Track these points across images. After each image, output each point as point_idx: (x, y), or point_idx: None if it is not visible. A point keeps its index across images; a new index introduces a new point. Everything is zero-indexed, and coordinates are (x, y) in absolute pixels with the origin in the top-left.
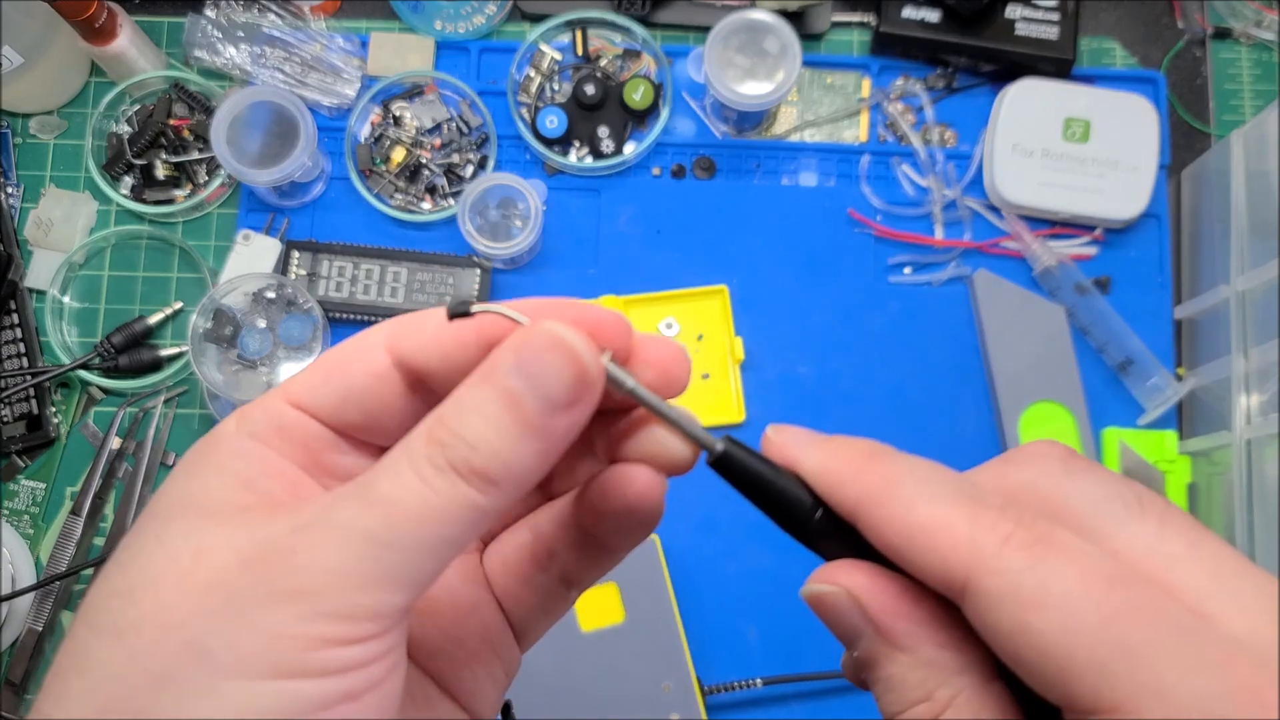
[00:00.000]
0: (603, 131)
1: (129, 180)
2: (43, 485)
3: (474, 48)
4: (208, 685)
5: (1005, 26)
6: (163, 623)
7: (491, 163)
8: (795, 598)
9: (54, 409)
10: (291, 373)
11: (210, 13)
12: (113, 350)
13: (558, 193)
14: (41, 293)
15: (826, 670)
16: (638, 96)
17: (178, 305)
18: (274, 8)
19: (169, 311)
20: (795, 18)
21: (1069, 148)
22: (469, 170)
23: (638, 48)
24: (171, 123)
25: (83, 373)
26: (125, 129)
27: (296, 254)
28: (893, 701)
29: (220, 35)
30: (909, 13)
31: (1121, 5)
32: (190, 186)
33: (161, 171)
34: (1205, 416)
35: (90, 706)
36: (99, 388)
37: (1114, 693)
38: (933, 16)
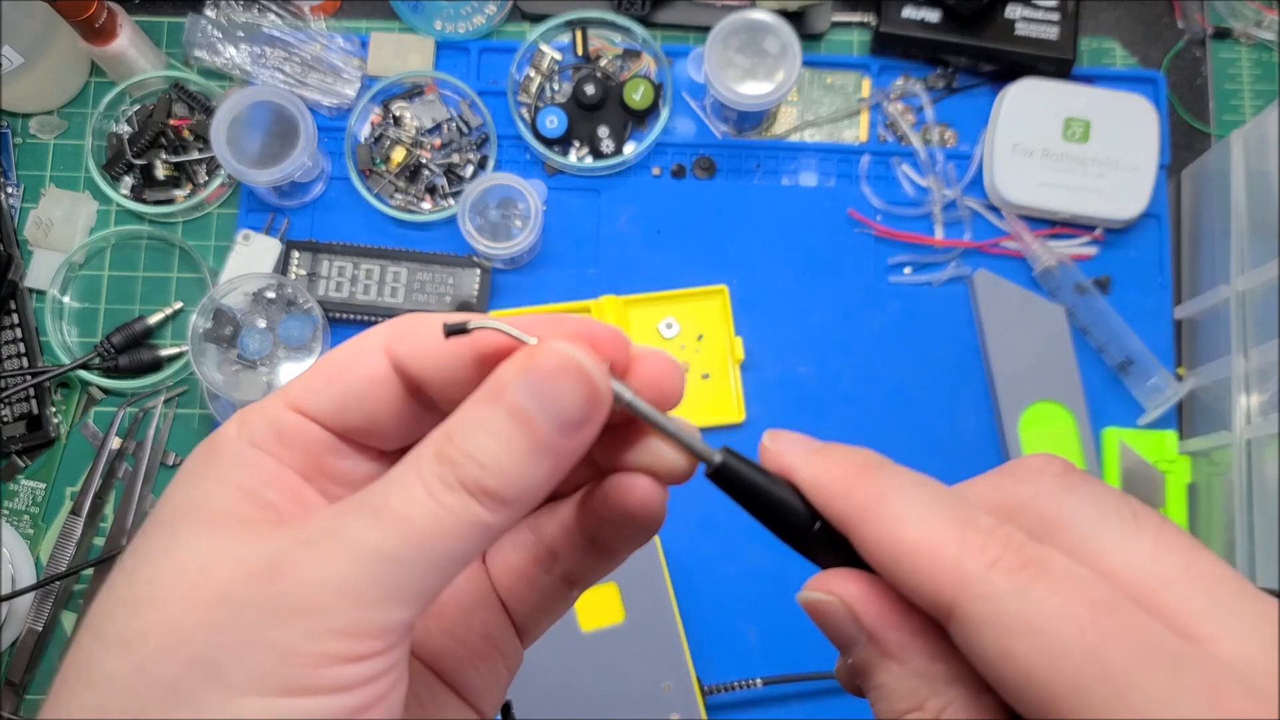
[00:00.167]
0: (603, 131)
1: (129, 180)
2: (43, 485)
3: (474, 48)
4: (217, 702)
5: (1005, 26)
6: (170, 635)
7: (491, 163)
8: (795, 598)
9: (54, 409)
10: (291, 373)
11: (210, 13)
12: (113, 350)
13: (558, 193)
14: (41, 293)
15: (826, 670)
16: (638, 96)
17: (178, 305)
18: (274, 8)
19: (169, 311)
20: (795, 18)
21: (1069, 148)
22: (469, 170)
23: (638, 48)
24: (171, 123)
25: (83, 373)
26: (125, 129)
27: (296, 254)
28: (884, 710)
29: (220, 35)
30: (909, 13)
31: (1121, 5)
32: (190, 186)
33: (161, 171)
34: (1205, 416)
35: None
36: (99, 388)
37: None
38: (933, 16)
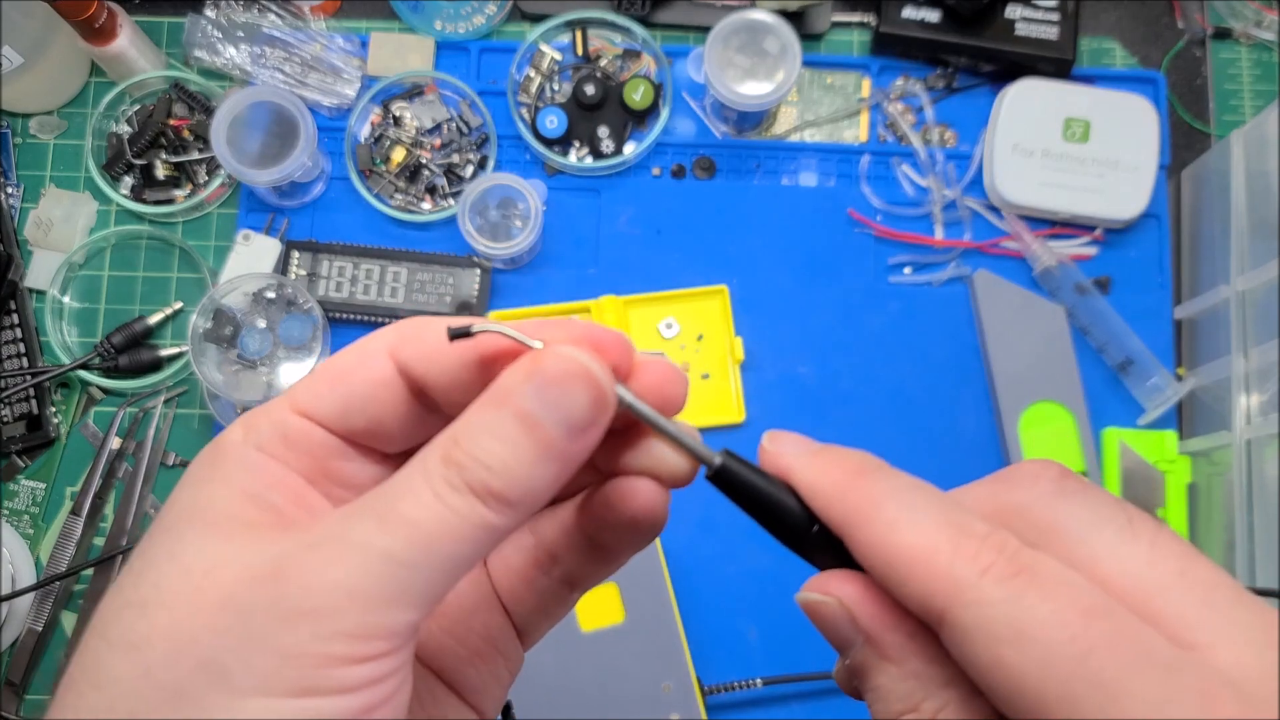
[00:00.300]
0: (603, 131)
1: (129, 180)
2: (43, 485)
3: (474, 48)
4: (224, 703)
5: (1005, 26)
6: (177, 638)
7: (491, 163)
8: (794, 599)
9: (54, 409)
10: (291, 373)
11: (210, 13)
12: (113, 350)
13: (558, 193)
14: (41, 293)
15: (826, 670)
16: (638, 96)
17: (178, 305)
18: (274, 8)
19: (169, 311)
20: (795, 18)
21: (1069, 148)
22: (469, 170)
23: (638, 48)
24: (171, 123)
25: (83, 373)
26: (125, 129)
27: (296, 254)
28: (881, 711)
29: (220, 35)
30: (909, 13)
31: (1121, 5)
32: (190, 186)
33: (161, 171)
34: (1205, 416)
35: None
36: (99, 388)
37: None
38: (933, 16)
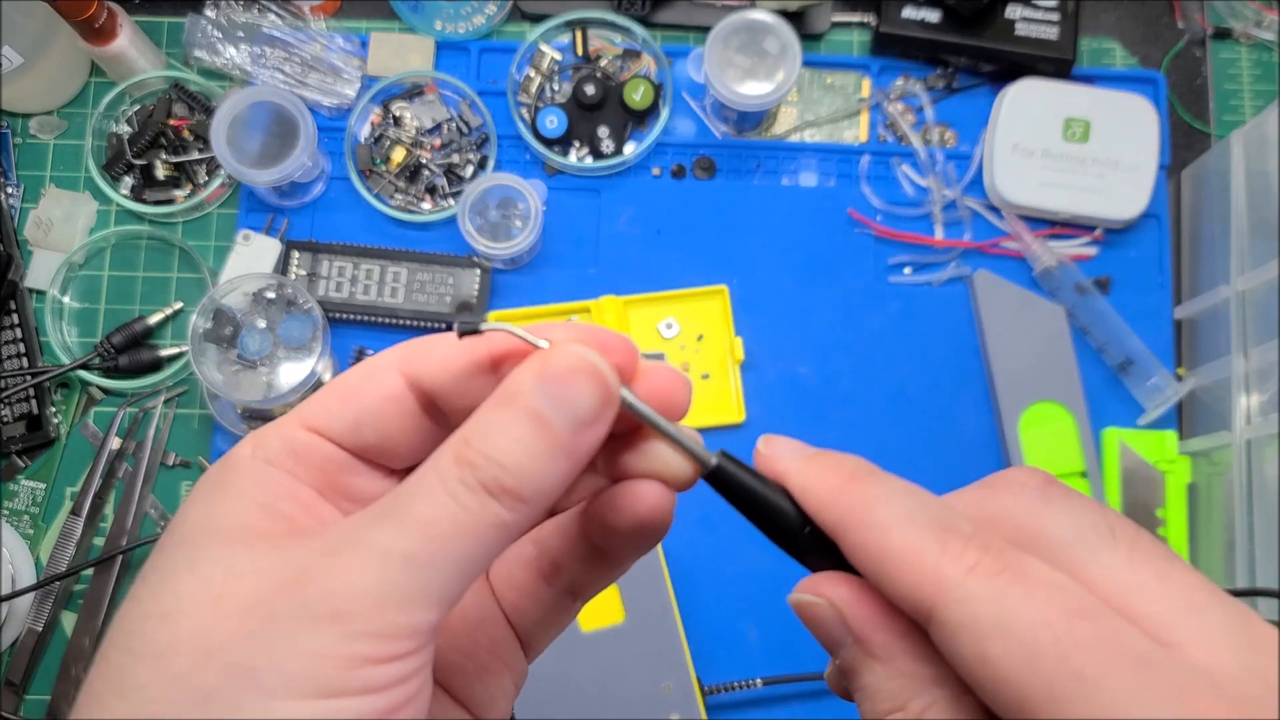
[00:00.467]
0: (603, 131)
1: (129, 180)
2: (43, 485)
3: (474, 48)
4: (254, 705)
5: (1005, 26)
6: (203, 645)
7: (491, 163)
8: (786, 600)
9: (54, 409)
10: (291, 373)
11: (210, 13)
12: (113, 350)
13: (558, 193)
14: (41, 293)
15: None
16: (638, 96)
17: (178, 305)
18: (274, 8)
19: (169, 311)
20: (795, 18)
21: (1069, 148)
22: (469, 170)
23: (638, 48)
24: (171, 123)
25: (83, 373)
26: (125, 129)
27: (296, 254)
28: (869, 710)
29: (220, 35)
30: (909, 13)
31: (1121, 5)
32: (190, 186)
33: (161, 171)
34: (1205, 416)
35: None
36: (99, 388)
37: None
38: (933, 16)
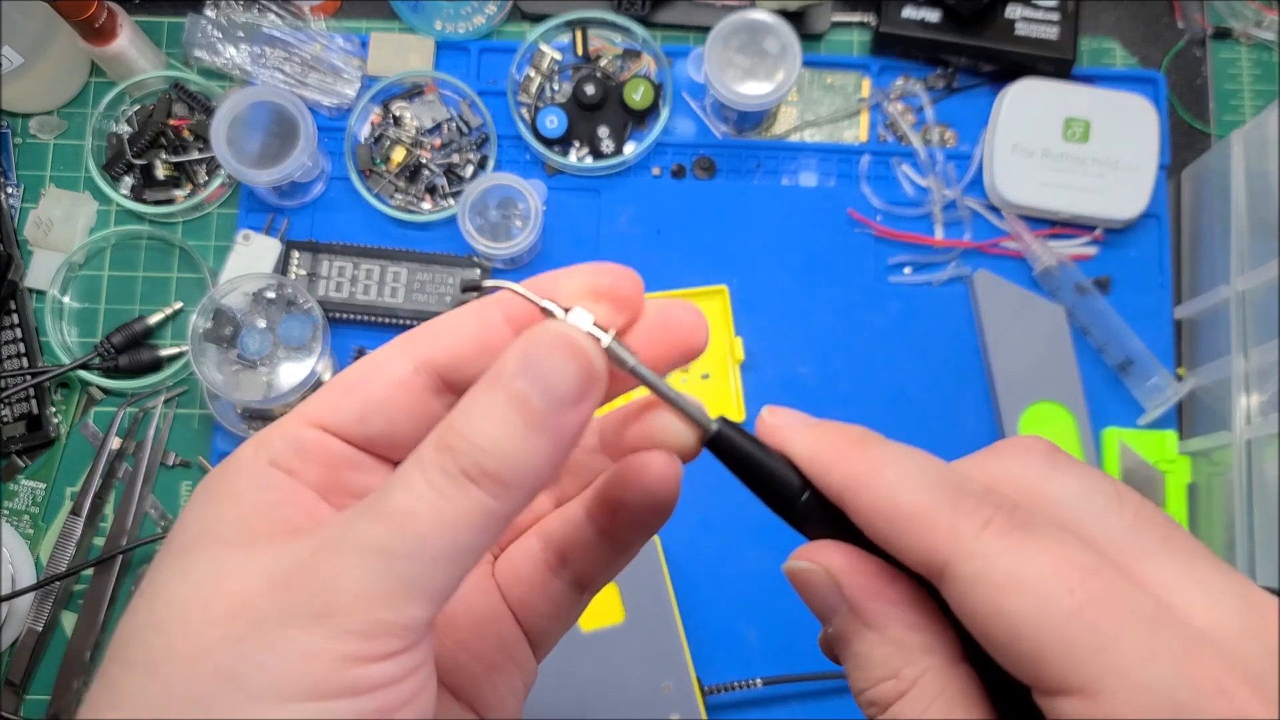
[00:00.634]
0: (603, 131)
1: (129, 180)
2: (43, 485)
3: (474, 48)
4: (245, 709)
5: (1005, 26)
6: (193, 652)
7: (491, 163)
8: (795, 598)
9: (54, 409)
10: (291, 373)
11: (210, 13)
12: (113, 350)
13: (558, 193)
14: (41, 293)
15: (826, 670)
16: (638, 96)
17: (178, 305)
18: (274, 8)
19: (169, 311)
20: (795, 18)
21: (1069, 148)
22: (469, 170)
23: (638, 48)
24: (171, 123)
25: (83, 373)
26: (125, 129)
27: (296, 254)
28: (861, 678)
29: (220, 35)
30: (909, 13)
31: (1121, 5)
32: (190, 186)
33: (161, 171)
34: (1205, 416)
35: None
36: (99, 388)
37: (1080, 675)
38: (933, 16)
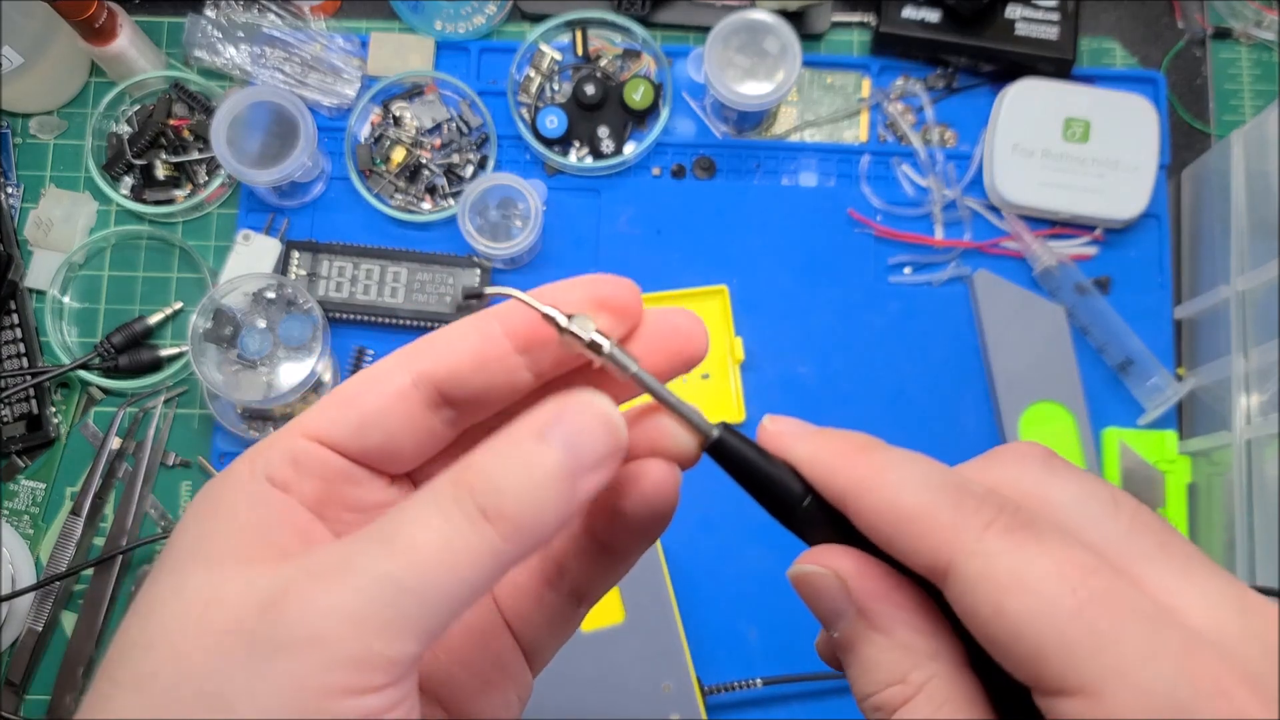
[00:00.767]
0: (603, 131)
1: (129, 180)
2: (43, 485)
3: (474, 48)
4: None
5: (1005, 26)
6: (180, 672)
7: (491, 163)
8: (795, 598)
9: (54, 409)
10: (291, 373)
11: (210, 13)
12: (113, 350)
13: (558, 193)
14: (41, 293)
15: (826, 670)
16: (638, 96)
17: (178, 305)
18: (274, 8)
19: (169, 311)
20: (795, 18)
21: (1069, 148)
22: (469, 170)
23: (638, 48)
24: (171, 123)
25: (83, 373)
26: (125, 129)
27: (296, 254)
28: (867, 683)
29: (220, 35)
30: (909, 13)
31: (1121, 5)
32: (190, 186)
33: (161, 171)
34: (1205, 416)
35: None
36: (99, 388)
37: (1080, 675)
38: (933, 16)
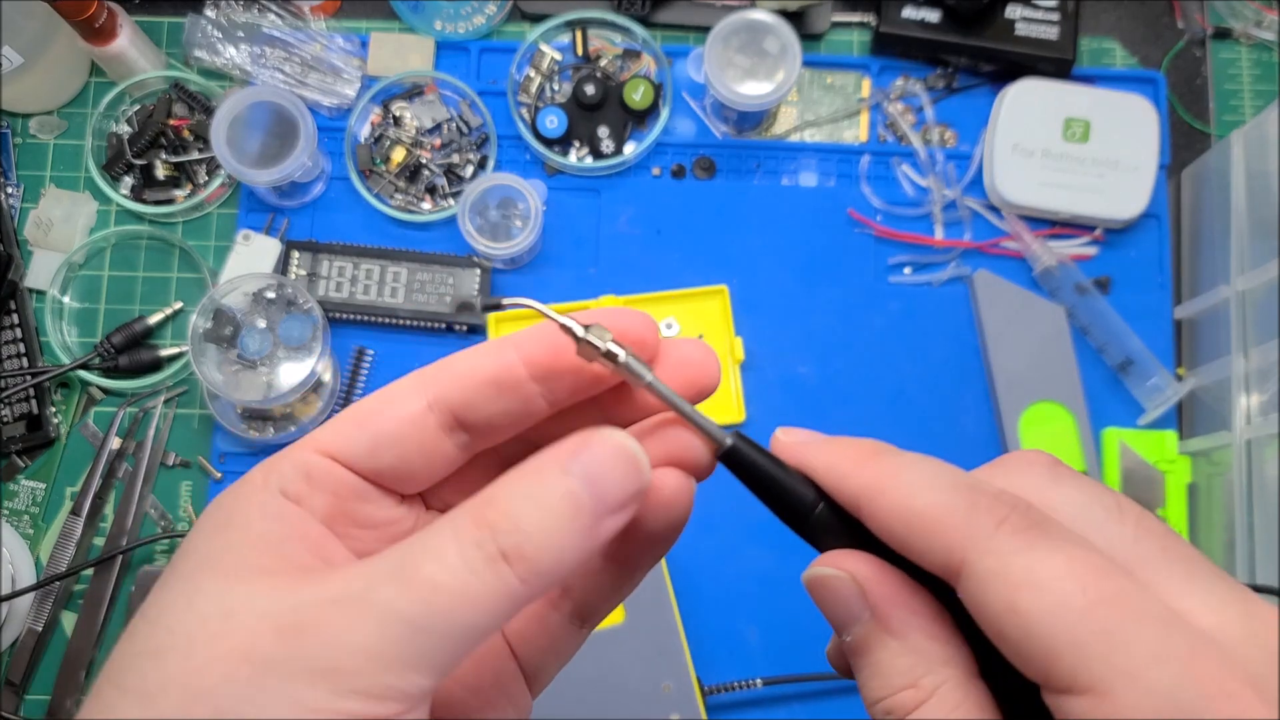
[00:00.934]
0: (603, 131)
1: (129, 180)
2: (43, 485)
3: (474, 48)
4: None
5: (1005, 26)
6: (192, 688)
7: (491, 163)
8: (795, 598)
9: (54, 409)
10: (291, 373)
11: (210, 13)
12: (113, 350)
13: (558, 193)
14: (41, 293)
15: (826, 671)
16: (638, 96)
17: (178, 305)
18: (274, 8)
19: (169, 311)
20: (795, 18)
21: (1069, 148)
22: (469, 170)
23: (638, 48)
24: (171, 123)
25: (83, 373)
26: (125, 129)
27: (296, 254)
28: (879, 686)
29: (220, 35)
30: (909, 13)
31: (1121, 5)
32: (190, 186)
33: (161, 171)
34: (1205, 416)
35: None
36: (99, 388)
37: (1090, 673)
38: (933, 16)
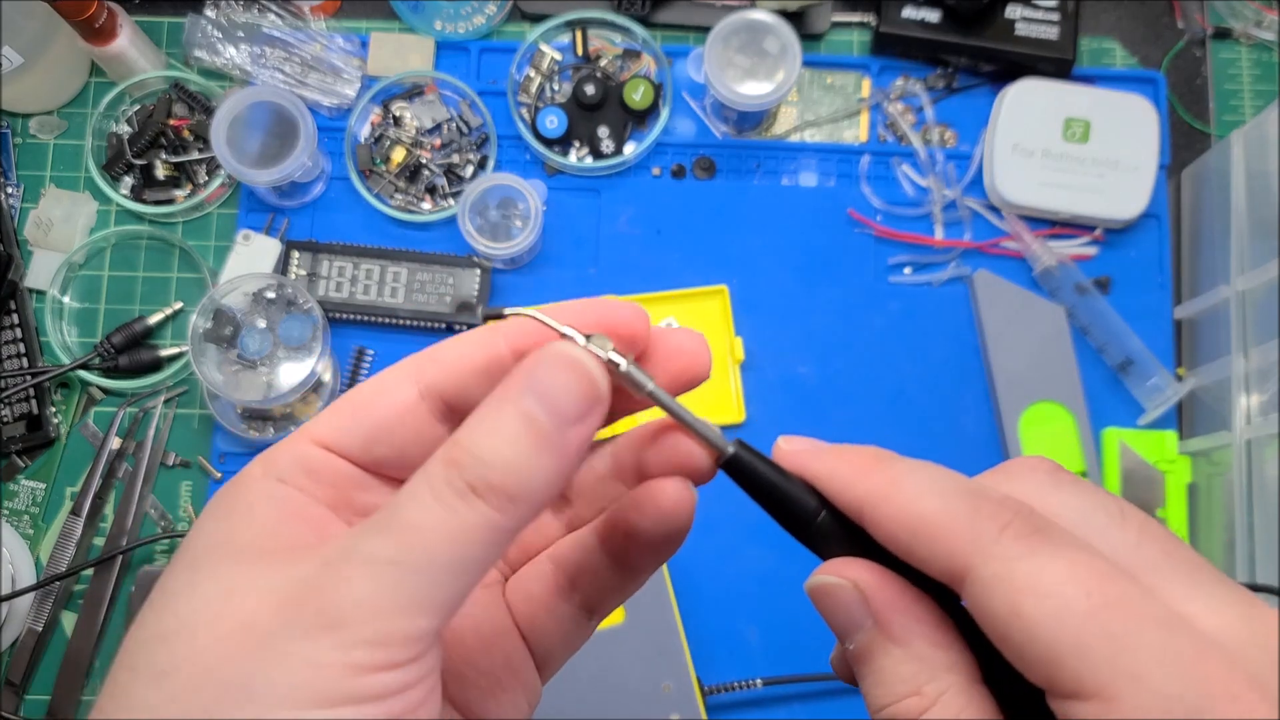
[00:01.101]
0: (603, 131)
1: (129, 180)
2: (43, 485)
3: (474, 48)
4: (250, 715)
5: (1005, 26)
6: (200, 665)
7: (491, 163)
8: (795, 598)
9: (54, 409)
10: (291, 373)
11: (210, 13)
12: (113, 350)
13: (558, 193)
14: (41, 293)
15: (826, 671)
16: (638, 96)
17: (178, 305)
18: (274, 8)
19: (169, 311)
20: (795, 18)
21: (1069, 148)
22: (469, 170)
23: (638, 48)
24: (171, 123)
25: (83, 373)
26: (125, 129)
27: (296, 254)
28: (882, 694)
29: (220, 35)
30: (909, 13)
31: (1121, 5)
32: (190, 186)
33: (161, 171)
34: (1205, 416)
35: None
36: (99, 388)
37: (1095, 678)
38: (933, 16)
